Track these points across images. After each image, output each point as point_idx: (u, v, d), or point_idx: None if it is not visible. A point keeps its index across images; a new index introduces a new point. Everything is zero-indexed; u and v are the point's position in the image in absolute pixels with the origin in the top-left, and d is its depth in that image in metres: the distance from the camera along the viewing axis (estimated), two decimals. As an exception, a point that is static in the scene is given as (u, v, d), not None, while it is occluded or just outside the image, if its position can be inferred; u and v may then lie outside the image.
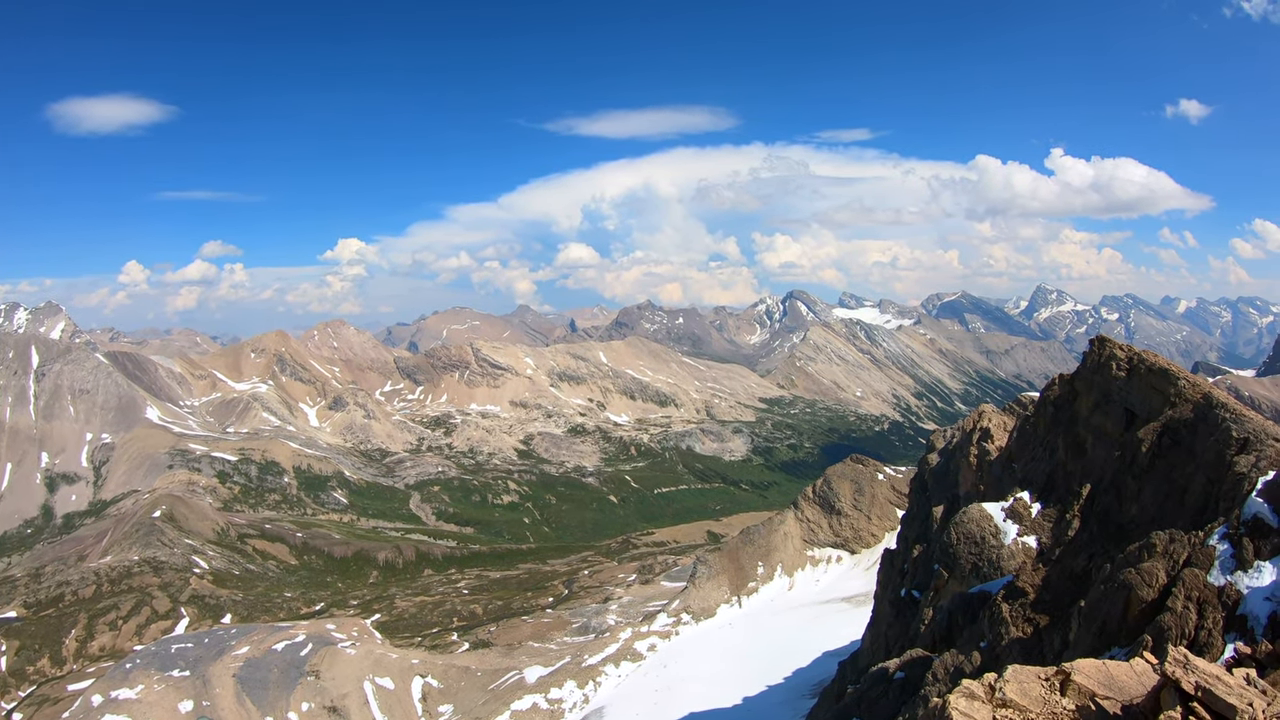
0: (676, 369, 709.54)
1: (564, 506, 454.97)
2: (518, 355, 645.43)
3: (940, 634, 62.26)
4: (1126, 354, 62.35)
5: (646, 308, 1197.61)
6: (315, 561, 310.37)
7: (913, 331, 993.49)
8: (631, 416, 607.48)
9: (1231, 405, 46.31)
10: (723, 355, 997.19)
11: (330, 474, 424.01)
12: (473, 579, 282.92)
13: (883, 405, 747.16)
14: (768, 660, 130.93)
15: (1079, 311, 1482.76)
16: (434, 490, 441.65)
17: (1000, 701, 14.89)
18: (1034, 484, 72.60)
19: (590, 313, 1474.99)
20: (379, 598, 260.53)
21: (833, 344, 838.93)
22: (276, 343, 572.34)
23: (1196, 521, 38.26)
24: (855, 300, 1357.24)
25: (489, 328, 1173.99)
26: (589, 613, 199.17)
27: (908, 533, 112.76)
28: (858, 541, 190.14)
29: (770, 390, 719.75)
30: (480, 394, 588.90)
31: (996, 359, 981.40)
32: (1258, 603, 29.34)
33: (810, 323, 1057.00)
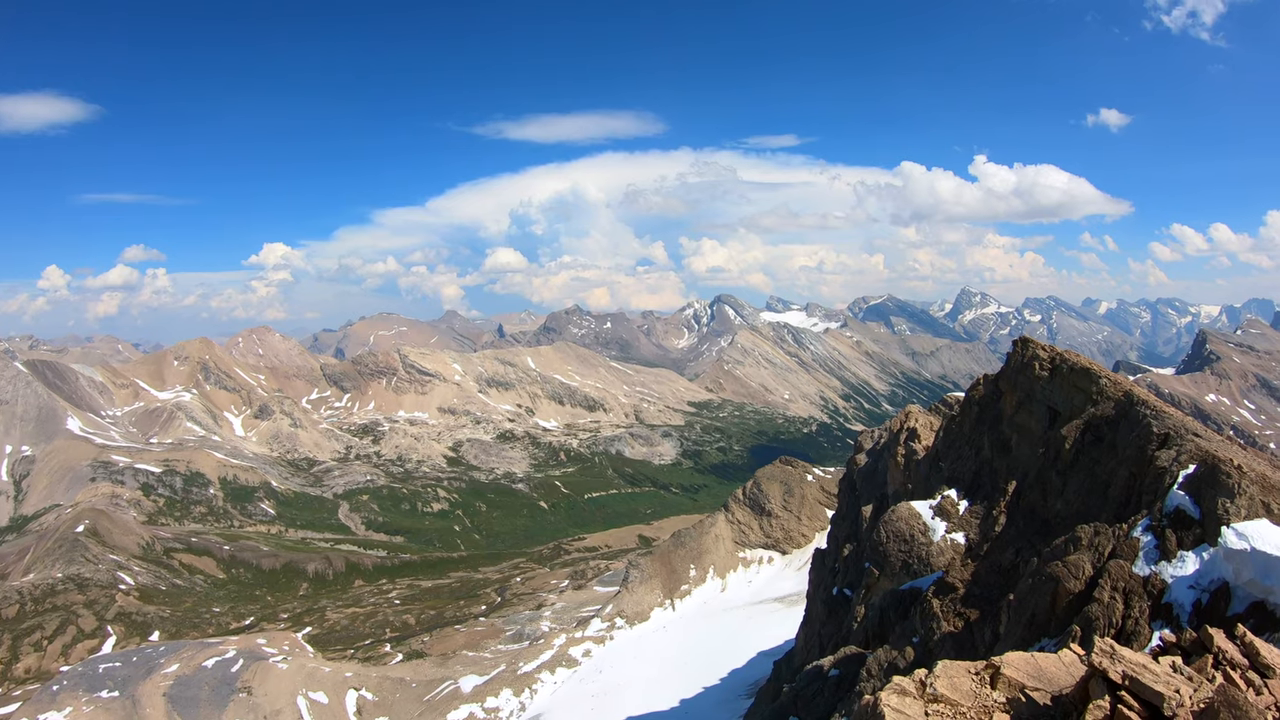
0: (605, 374, 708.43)
1: (494, 513, 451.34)
2: (445, 361, 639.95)
3: (873, 631, 63.19)
4: (1049, 354, 63.90)
5: (574, 313, 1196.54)
6: (244, 575, 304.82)
7: (839, 334, 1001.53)
8: (560, 422, 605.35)
9: (1152, 402, 47.75)
10: (651, 360, 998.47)
11: (257, 484, 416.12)
12: (404, 589, 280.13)
13: (810, 407, 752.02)
14: (703, 662, 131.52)
15: (1002, 313, 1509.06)
16: (363, 499, 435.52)
17: (932, 697, 15.05)
18: (961, 482, 73.95)
19: (518, 318, 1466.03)
20: (310, 610, 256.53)
21: (760, 347, 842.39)
22: (200, 350, 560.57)
23: (1120, 515, 39.41)
24: (782, 304, 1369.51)
25: (416, 334, 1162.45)
26: (523, 620, 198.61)
27: (838, 532, 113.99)
28: (789, 542, 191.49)
29: (699, 394, 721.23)
30: (408, 401, 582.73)
31: (922, 360, 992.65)
32: (1182, 591, 30.49)
33: (738, 326, 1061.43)
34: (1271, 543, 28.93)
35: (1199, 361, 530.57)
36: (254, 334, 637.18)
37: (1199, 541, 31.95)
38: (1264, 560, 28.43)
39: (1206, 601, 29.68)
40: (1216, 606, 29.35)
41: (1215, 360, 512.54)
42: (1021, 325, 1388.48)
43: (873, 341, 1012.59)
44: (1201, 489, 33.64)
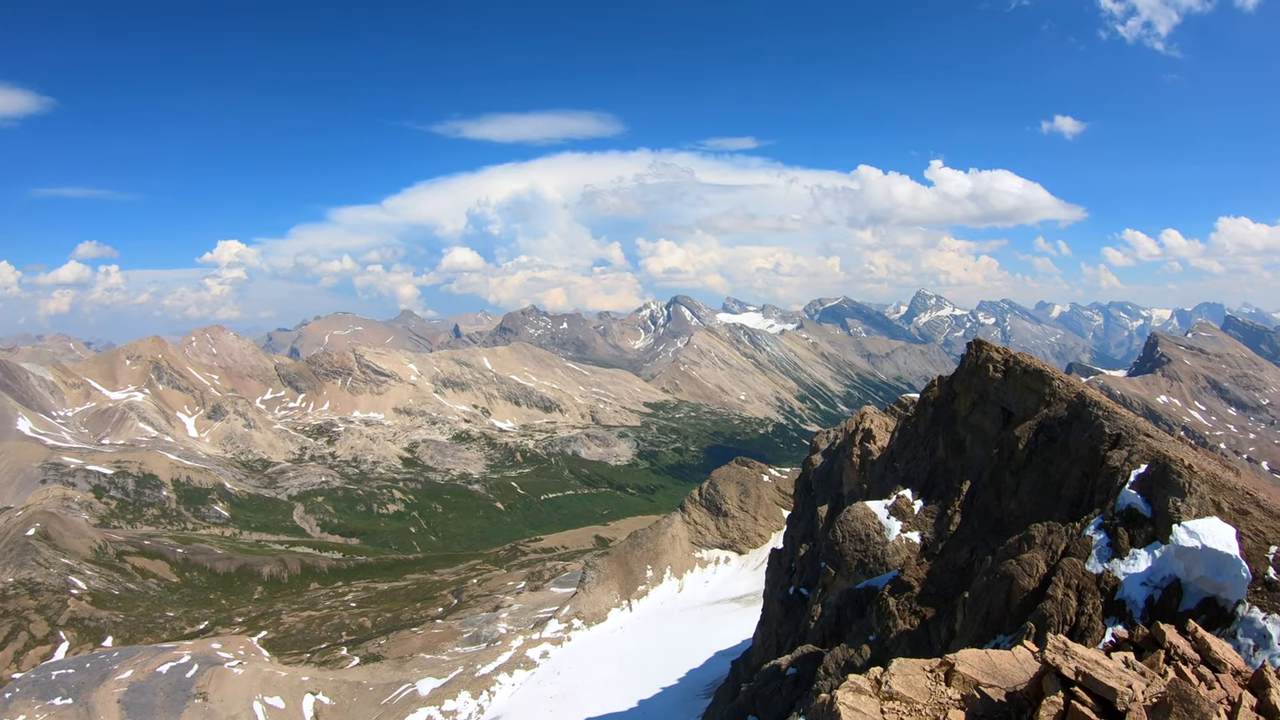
0: (561, 374, 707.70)
1: (450, 515, 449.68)
2: (401, 362, 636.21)
3: (830, 629, 63.59)
4: (1003, 356, 64.66)
5: (531, 313, 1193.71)
6: (198, 578, 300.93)
7: (795, 336, 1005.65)
8: (517, 423, 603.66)
9: (1104, 403, 48.45)
10: (607, 360, 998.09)
11: (211, 486, 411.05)
12: (360, 591, 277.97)
13: (766, 408, 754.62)
14: (661, 662, 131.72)
15: (957, 316, 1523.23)
16: (318, 501, 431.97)
17: (887, 695, 15.10)
18: (916, 482, 74.65)
19: (474, 318, 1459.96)
20: (265, 614, 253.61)
21: (717, 348, 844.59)
22: (153, 349, 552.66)
23: (1073, 513, 39.99)
24: (739, 305, 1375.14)
25: (372, 333, 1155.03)
26: (480, 622, 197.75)
27: (794, 532, 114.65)
28: (745, 542, 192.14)
29: (655, 395, 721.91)
30: (363, 401, 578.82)
31: (877, 362, 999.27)
32: (1135, 588, 31.04)
33: (694, 328, 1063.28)
34: (1222, 540, 29.50)
35: (1150, 364, 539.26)
36: (207, 333, 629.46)
37: (1151, 539, 32.52)
38: (1215, 557, 29.00)
39: (1159, 598, 30.23)
40: (1168, 603, 29.90)
41: (1166, 363, 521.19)
42: (976, 328, 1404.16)
43: (828, 343, 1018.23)
44: (1153, 488, 34.20)
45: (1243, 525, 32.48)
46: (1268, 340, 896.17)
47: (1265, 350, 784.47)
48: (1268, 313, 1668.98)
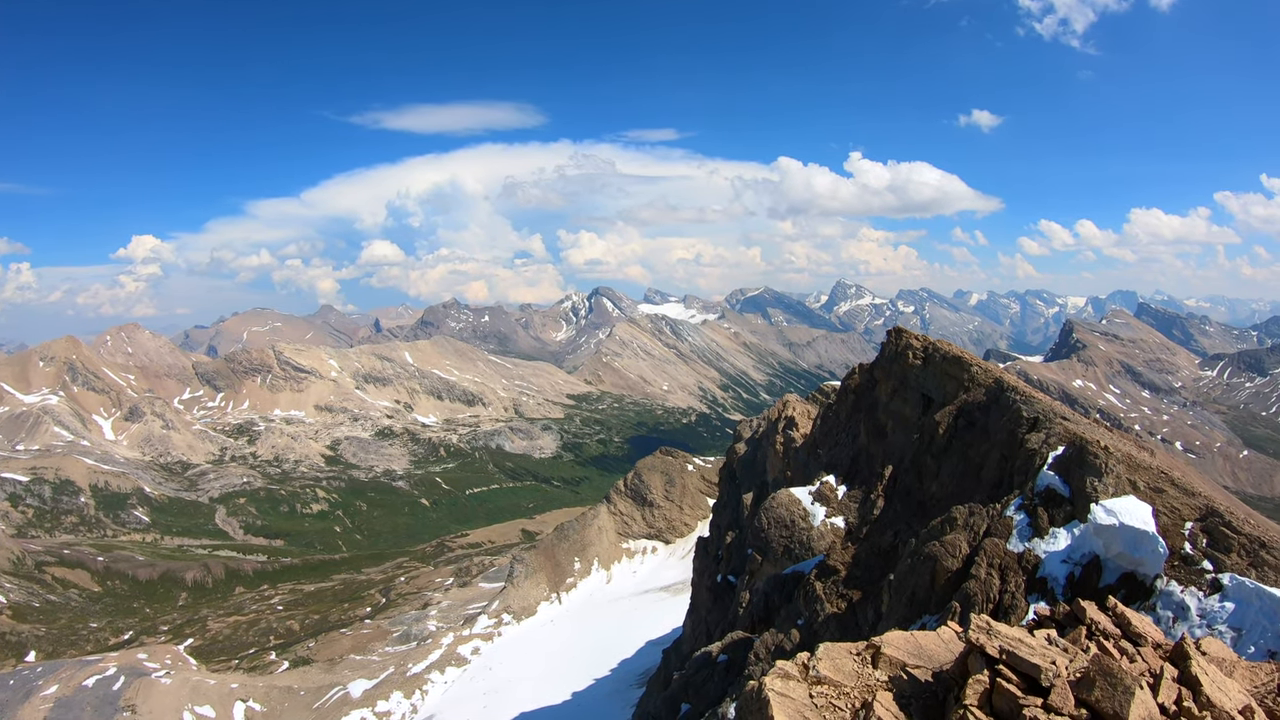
0: (484, 368, 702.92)
1: (375, 512, 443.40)
2: (321, 358, 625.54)
3: (759, 615, 64.23)
4: (922, 343, 65.75)
5: (452, 306, 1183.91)
6: (120, 587, 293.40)
7: (717, 326, 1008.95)
8: (440, 417, 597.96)
9: (1021, 388, 49.55)
10: (529, 353, 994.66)
11: (130, 491, 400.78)
12: (286, 594, 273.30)
13: (689, 398, 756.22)
14: (593, 654, 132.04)
15: (877, 305, 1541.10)
16: (240, 503, 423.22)
17: (815, 679, 15.29)
18: (839, 467, 75.57)
19: (395, 312, 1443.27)
20: (190, 620, 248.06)
21: (639, 339, 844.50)
22: (67, 349, 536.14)
23: (993, 495, 40.86)
24: (660, 296, 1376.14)
25: (291, 329, 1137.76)
26: (409, 620, 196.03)
27: (720, 520, 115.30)
28: (671, 531, 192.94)
29: (578, 386, 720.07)
30: (284, 399, 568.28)
31: (799, 351, 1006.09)
32: (1056, 565, 31.93)
33: (616, 319, 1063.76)
34: (1139, 517, 30.45)
35: (1066, 349, 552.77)
36: (123, 331, 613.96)
37: (1070, 518, 33.42)
38: (1132, 534, 29.93)
39: (1079, 575, 31.12)
40: (1089, 579, 30.78)
41: (1082, 348, 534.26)
42: (895, 316, 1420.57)
43: (750, 333, 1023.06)
44: (1070, 469, 35.11)
45: (1158, 503, 33.50)
46: (1179, 326, 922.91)
47: (1177, 336, 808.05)
48: (1179, 300, 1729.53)
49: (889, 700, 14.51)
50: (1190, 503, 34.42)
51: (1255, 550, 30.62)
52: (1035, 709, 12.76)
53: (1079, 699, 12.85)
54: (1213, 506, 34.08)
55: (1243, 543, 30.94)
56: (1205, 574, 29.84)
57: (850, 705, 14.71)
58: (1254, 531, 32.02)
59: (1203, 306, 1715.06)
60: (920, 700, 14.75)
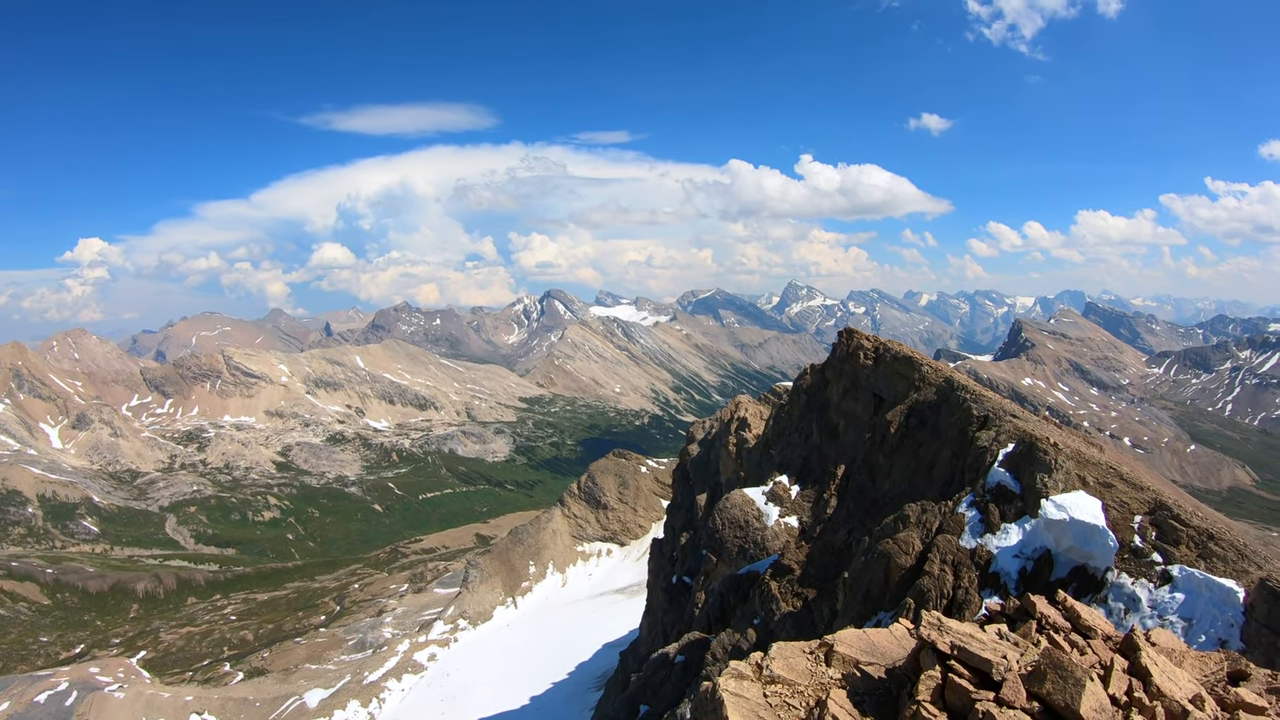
0: (435, 371, 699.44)
1: (328, 519, 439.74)
2: (271, 362, 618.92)
3: (715, 615, 64.43)
4: (873, 344, 66.32)
5: (403, 309, 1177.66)
6: (70, 599, 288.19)
7: (669, 328, 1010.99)
8: (391, 422, 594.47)
9: (971, 387, 50.10)
10: (481, 356, 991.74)
11: (78, 500, 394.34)
12: (239, 603, 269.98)
13: (642, 400, 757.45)
14: (550, 658, 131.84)
15: (828, 306, 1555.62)
16: (191, 511, 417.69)
17: (769, 678, 15.28)
18: (792, 467, 76.04)
19: (346, 315, 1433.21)
20: (142, 633, 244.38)
21: (591, 342, 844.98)
22: (12, 356, 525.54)
23: (945, 492, 41.28)
24: (612, 298, 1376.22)
25: (241, 334, 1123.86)
26: (364, 628, 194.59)
27: (674, 522, 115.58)
28: (626, 534, 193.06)
29: (530, 389, 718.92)
30: (234, 405, 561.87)
31: (751, 352, 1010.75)
32: (1008, 560, 32.38)
33: (568, 321, 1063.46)
34: (1088, 512, 30.98)
35: (1015, 348, 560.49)
36: (69, 337, 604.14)
37: (1021, 514, 33.90)
38: (1082, 528, 30.44)
39: (1031, 569, 31.59)
40: (1041, 573, 31.25)
41: (1030, 347, 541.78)
42: (846, 317, 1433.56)
43: (702, 334, 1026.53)
44: (1021, 465, 35.58)
45: (1108, 497, 34.00)
46: (1126, 325, 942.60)
47: (1124, 334, 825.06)
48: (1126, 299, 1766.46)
49: (843, 698, 14.56)
50: (1139, 497, 34.96)
51: (1204, 542, 31.17)
52: (987, 703, 12.86)
53: (1031, 692, 12.97)
54: (1161, 500, 34.64)
55: (1191, 535, 31.48)
56: (1155, 566, 30.35)
57: (804, 703, 14.73)
58: (1202, 524, 32.59)
59: (1149, 305, 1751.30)
60: (874, 697, 14.82)
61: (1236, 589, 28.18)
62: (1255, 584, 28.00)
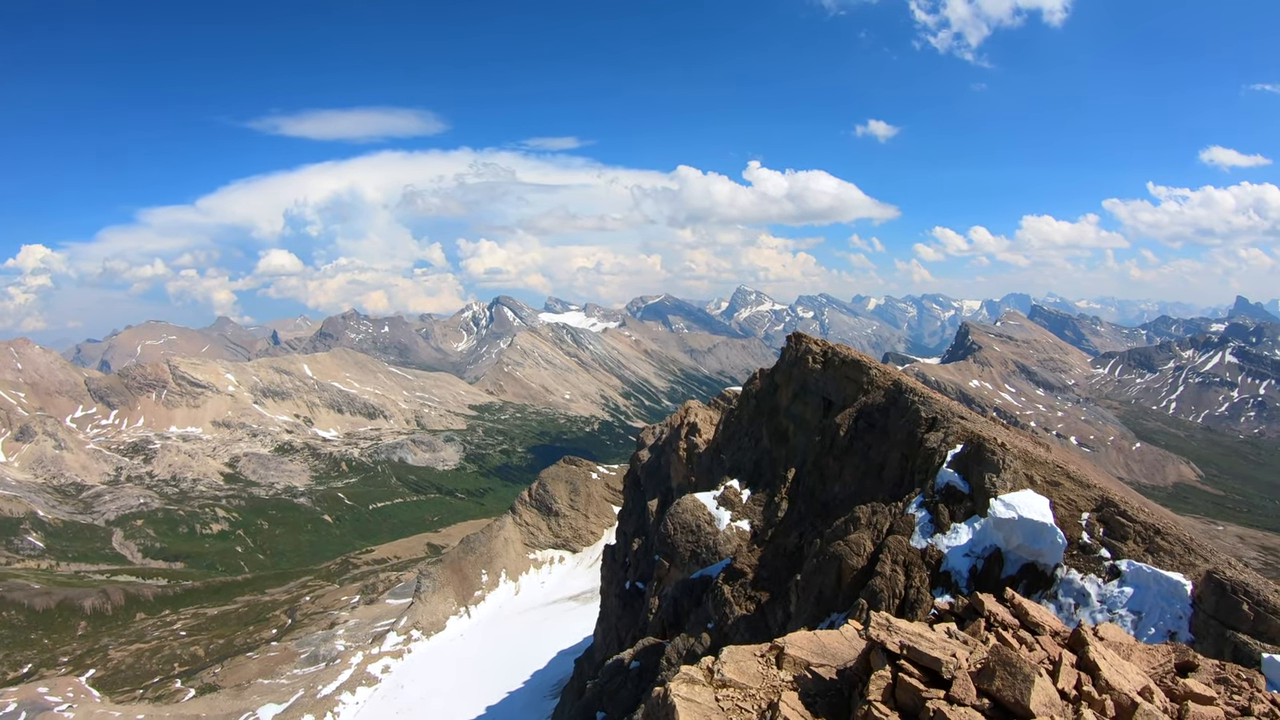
0: (384, 379, 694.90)
1: (277, 531, 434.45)
2: (218, 372, 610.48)
3: (669, 621, 64.53)
4: (821, 348, 66.87)
5: (351, 317, 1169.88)
6: (15, 617, 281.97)
7: (618, 334, 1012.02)
8: (340, 431, 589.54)
9: (919, 389, 50.61)
10: (430, 364, 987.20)
11: (22, 515, 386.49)
12: (189, 619, 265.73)
13: (592, 406, 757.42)
14: (505, 667, 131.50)
15: (777, 310, 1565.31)
16: (138, 525, 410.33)
17: (720, 682, 15.38)
18: (742, 472, 76.41)
19: (293, 324, 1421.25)
20: (91, 651, 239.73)
21: (540, 348, 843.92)
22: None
23: (895, 493, 41.71)
24: (561, 305, 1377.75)
25: (187, 342, 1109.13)
26: (316, 641, 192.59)
27: (626, 528, 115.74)
28: (578, 540, 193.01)
29: (480, 397, 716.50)
30: (180, 415, 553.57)
31: (700, 357, 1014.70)
32: (958, 560, 32.79)
33: (517, 328, 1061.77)
34: (1037, 510, 31.47)
35: (962, 351, 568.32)
36: (11, 346, 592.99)
37: (970, 513, 34.34)
38: (1031, 526, 30.91)
39: (981, 568, 32.01)
40: (991, 571, 31.67)
41: (977, 349, 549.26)
42: (795, 321, 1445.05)
43: (651, 340, 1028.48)
44: (969, 466, 36.04)
45: (1055, 495, 34.50)
46: (1071, 327, 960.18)
47: (1069, 336, 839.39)
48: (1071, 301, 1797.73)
49: (794, 700, 14.69)
50: (1086, 494, 35.48)
51: (1151, 537, 31.71)
52: (938, 701, 13.03)
53: (980, 689, 13.15)
54: (1108, 497, 35.17)
55: (1138, 530, 32.01)
56: (1104, 561, 30.87)
57: (756, 707, 14.83)
58: (1149, 519, 33.15)
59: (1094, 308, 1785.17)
60: (826, 698, 14.96)
61: (1184, 582, 28.71)
62: (1202, 576, 28.59)
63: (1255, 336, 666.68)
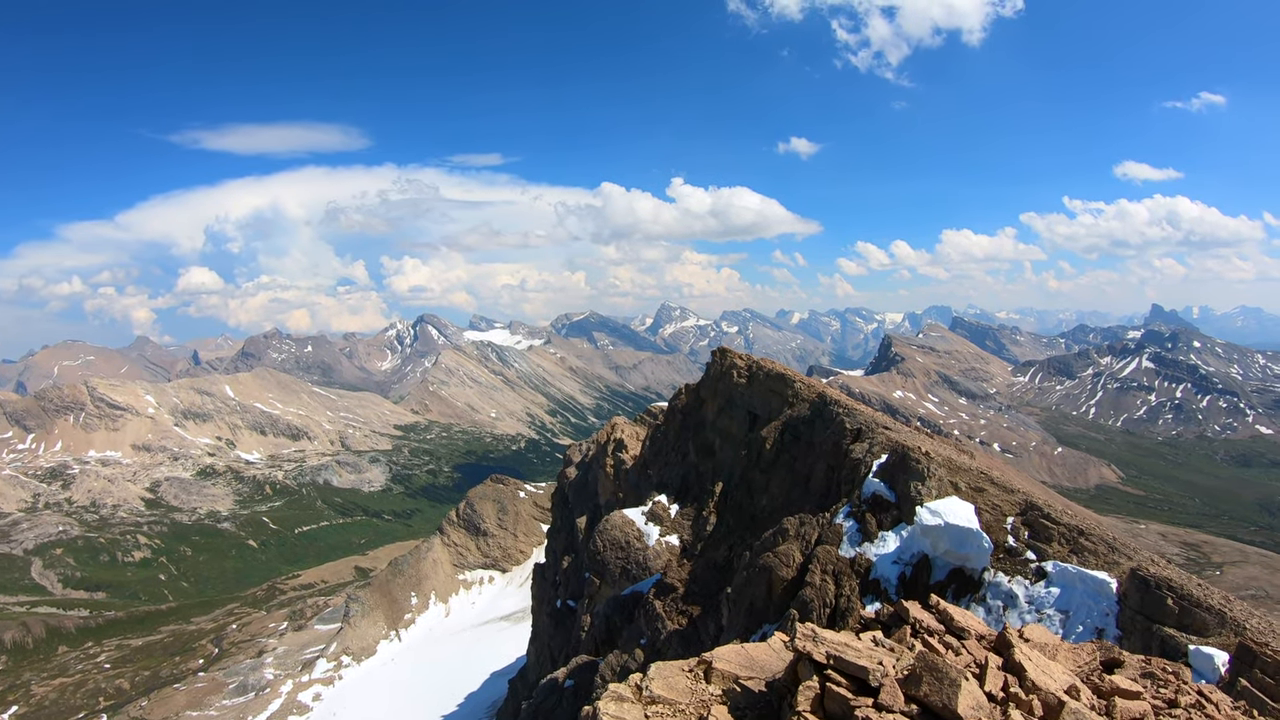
0: (308, 400, 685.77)
1: (201, 557, 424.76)
2: (138, 393, 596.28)
3: (601, 638, 64.52)
4: (746, 362, 67.45)
5: (274, 336, 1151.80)
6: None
7: (544, 351, 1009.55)
8: (264, 453, 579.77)
9: (844, 401, 51.29)
10: (354, 383, 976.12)
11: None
12: (113, 650, 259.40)
13: (518, 424, 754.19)
14: (438, 690, 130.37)
15: (701, 326, 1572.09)
16: (57, 554, 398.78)
17: (649, 699, 15.38)
18: (670, 487, 76.63)
19: (214, 343, 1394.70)
20: (12, 686, 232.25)
21: (465, 367, 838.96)
22: None
23: (822, 504, 42.18)
24: (486, 323, 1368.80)
25: (105, 363, 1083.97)
26: (244, 670, 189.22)
27: (555, 545, 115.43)
28: (507, 560, 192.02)
29: (405, 417, 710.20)
30: (99, 439, 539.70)
31: (625, 373, 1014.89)
32: (887, 567, 33.33)
33: (442, 347, 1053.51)
34: (962, 516, 32.14)
35: (886, 363, 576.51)
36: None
37: (897, 521, 34.92)
38: (957, 532, 31.54)
39: (910, 574, 32.56)
40: (920, 577, 32.22)
41: (900, 361, 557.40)
42: (720, 337, 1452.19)
43: (577, 357, 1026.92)
44: (895, 475, 36.63)
45: (980, 501, 35.21)
46: (992, 337, 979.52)
47: (990, 346, 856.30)
48: (991, 313, 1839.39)
49: (724, 713, 14.80)
50: (1010, 499, 36.24)
51: (1075, 538, 32.50)
52: (867, 709, 13.22)
53: (908, 695, 13.38)
54: (1032, 501, 35.95)
55: (1062, 532, 32.79)
56: (1030, 564, 31.61)
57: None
58: (1072, 521, 33.96)
59: (1013, 318, 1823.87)
60: (755, 710, 15.08)
61: (1109, 580, 29.49)
62: (1127, 574, 29.38)
63: (1170, 342, 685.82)
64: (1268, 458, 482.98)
